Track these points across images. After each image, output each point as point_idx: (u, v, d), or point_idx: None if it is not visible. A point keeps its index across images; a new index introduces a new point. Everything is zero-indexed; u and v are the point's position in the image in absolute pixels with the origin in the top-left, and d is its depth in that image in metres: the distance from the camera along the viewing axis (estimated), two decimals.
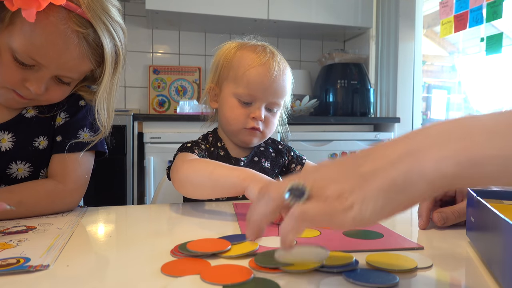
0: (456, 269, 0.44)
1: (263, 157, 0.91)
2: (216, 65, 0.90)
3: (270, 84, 0.82)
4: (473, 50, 2.72)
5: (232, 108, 0.84)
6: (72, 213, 0.70)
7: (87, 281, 0.40)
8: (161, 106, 2.62)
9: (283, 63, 0.86)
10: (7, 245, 0.50)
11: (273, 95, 0.83)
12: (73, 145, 0.74)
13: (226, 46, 0.89)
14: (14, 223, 0.61)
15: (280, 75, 0.83)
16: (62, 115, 0.77)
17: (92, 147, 0.76)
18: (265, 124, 0.85)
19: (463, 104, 3.09)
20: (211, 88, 0.91)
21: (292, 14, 2.42)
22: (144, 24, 2.58)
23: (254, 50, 0.85)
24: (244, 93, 0.83)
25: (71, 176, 0.73)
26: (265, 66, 0.82)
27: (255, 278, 0.39)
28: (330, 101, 2.49)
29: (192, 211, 0.73)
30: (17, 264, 0.42)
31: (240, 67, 0.83)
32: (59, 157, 0.74)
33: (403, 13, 2.42)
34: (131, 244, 0.52)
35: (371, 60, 2.65)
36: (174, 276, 0.39)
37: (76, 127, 0.76)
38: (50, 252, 0.46)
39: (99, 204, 0.74)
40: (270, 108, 0.85)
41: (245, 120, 0.84)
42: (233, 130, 0.86)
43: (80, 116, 0.78)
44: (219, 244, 0.48)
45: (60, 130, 0.76)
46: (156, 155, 1.94)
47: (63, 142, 0.74)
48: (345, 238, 0.53)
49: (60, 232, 0.56)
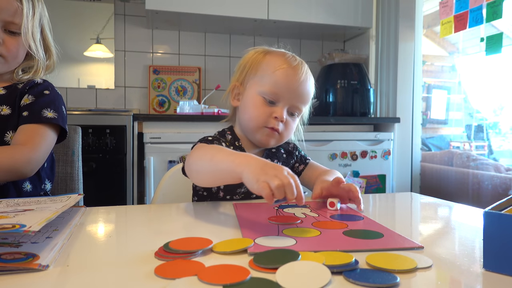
0: (456, 269, 0.44)
1: (276, 158, 0.93)
2: (243, 65, 0.91)
3: (297, 87, 0.84)
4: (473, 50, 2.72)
5: (256, 105, 0.86)
6: (72, 213, 0.69)
7: (87, 281, 0.40)
8: (161, 106, 2.62)
9: (310, 72, 0.90)
10: (4, 216, 0.49)
11: (298, 98, 0.86)
12: (37, 118, 0.86)
13: (254, 50, 0.92)
14: (12, 208, 0.61)
15: (306, 81, 0.87)
16: (29, 97, 0.90)
17: (54, 121, 0.88)
18: (284, 127, 0.86)
19: (463, 104, 3.09)
20: (234, 86, 0.92)
21: (292, 14, 2.42)
22: (144, 24, 2.58)
23: (284, 55, 0.88)
24: (271, 92, 0.84)
25: (34, 140, 0.84)
26: (294, 70, 0.85)
27: (254, 277, 0.39)
28: (330, 101, 2.49)
29: (192, 211, 0.73)
30: (12, 228, 0.41)
31: (270, 67, 0.86)
32: (24, 127, 0.86)
33: (403, 13, 2.42)
34: (131, 244, 0.52)
35: (371, 60, 2.65)
36: (169, 278, 0.39)
37: (41, 106, 0.89)
38: (50, 251, 0.45)
39: (99, 204, 0.74)
40: (292, 112, 0.87)
41: (267, 118, 0.85)
42: (254, 128, 0.86)
43: (45, 99, 0.91)
44: (202, 242, 0.49)
45: (27, 108, 0.88)
46: (156, 155, 1.94)
47: (29, 116, 0.87)
48: (345, 238, 0.53)
49: (58, 210, 0.54)
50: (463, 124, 3.06)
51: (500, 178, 2.10)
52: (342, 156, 2.23)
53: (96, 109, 2.43)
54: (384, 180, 2.33)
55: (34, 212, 0.55)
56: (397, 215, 0.77)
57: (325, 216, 0.66)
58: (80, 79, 2.54)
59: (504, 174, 2.11)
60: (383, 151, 2.32)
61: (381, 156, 2.32)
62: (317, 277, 0.38)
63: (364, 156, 2.28)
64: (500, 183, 2.08)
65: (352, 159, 2.25)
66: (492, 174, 2.15)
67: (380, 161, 2.32)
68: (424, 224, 0.68)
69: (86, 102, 2.52)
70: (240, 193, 0.87)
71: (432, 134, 3.12)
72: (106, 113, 1.97)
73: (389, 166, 2.35)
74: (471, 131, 2.91)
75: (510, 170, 2.15)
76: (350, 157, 2.25)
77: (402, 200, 0.91)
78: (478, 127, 2.91)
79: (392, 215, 0.76)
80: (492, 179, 2.12)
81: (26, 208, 0.59)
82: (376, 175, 2.31)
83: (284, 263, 0.41)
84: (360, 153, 2.27)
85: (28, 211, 0.56)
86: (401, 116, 2.42)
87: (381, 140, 2.32)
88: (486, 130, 2.89)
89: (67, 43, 2.46)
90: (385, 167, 2.34)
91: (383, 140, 2.33)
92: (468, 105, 3.07)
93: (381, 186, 2.32)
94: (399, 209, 0.83)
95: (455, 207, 0.79)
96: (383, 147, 2.32)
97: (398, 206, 0.85)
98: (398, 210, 0.81)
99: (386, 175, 2.34)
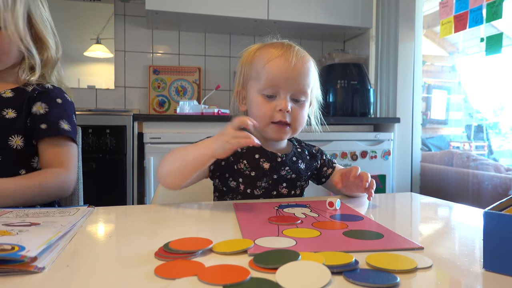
0: (456, 269, 0.44)
1: (300, 158, 0.92)
2: (240, 69, 0.92)
3: (290, 72, 0.83)
4: (473, 50, 2.72)
5: (258, 105, 0.86)
6: (78, 213, 0.69)
7: (87, 281, 0.40)
8: (161, 106, 2.62)
9: (301, 52, 0.86)
10: (7, 232, 0.50)
11: (296, 83, 0.84)
12: (56, 131, 0.87)
13: (247, 50, 0.91)
14: (20, 220, 0.61)
15: (300, 63, 0.84)
16: (42, 105, 0.89)
17: (69, 134, 0.89)
18: (292, 117, 0.85)
19: (463, 104, 3.09)
20: (238, 92, 0.93)
21: (292, 14, 2.42)
22: (144, 24, 2.58)
23: (272, 46, 0.87)
24: (266, 86, 0.84)
25: (68, 163, 0.88)
26: (283, 57, 0.84)
27: (254, 277, 0.39)
28: (330, 101, 2.49)
29: (192, 211, 0.73)
30: (11, 251, 0.41)
31: (260, 63, 0.85)
32: (49, 146, 0.87)
33: (403, 13, 2.42)
34: (131, 244, 0.52)
35: (371, 60, 2.65)
36: (169, 278, 0.39)
37: (57, 117, 0.89)
38: (48, 253, 0.45)
39: (99, 204, 0.74)
40: (297, 98, 0.85)
41: (271, 114, 0.84)
42: (262, 127, 0.86)
43: (59, 110, 0.91)
44: (202, 242, 0.49)
45: (43, 119, 0.87)
46: (156, 155, 1.94)
47: (48, 129, 0.87)
48: (345, 238, 0.53)
49: (62, 229, 0.55)
50: (463, 124, 3.06)
51: (500, 178, 2.09)
52: (342, 156, 2.23)
53: (96, 109, 2.43)
54: (384, 180, 2.33)
55: (40, 228, 0.55)
56: (397, 215, 0.77)
57: (325, 216, 0.66)
58: (80, 79, 2.54)
59: (504, 174, 2.11)
60: (383, 151, 2.32)
61: (381, 156, 2.32)
62: (317, 277, 0.38)
63: (364, 156, 2.28)
64: (500, 183, 2.08)
65: (352, 159, 2.25)
66: (492, 174, 2.15)
67: (380, 161, 2.32)
68: (424, 224, 0.68)
69: (86, 102, 2.52)
70: (261, 187, 0.87)
71: (432, 134, 3.12)
72: (106, 113, 1.97)
73: (389, 166, 2.35)
74: (471, 131, 2.91)
75: (510, 170, 2.15)
76: (350, 157, 2.25)
77: (402, 200, 0.91)
78: (478, 127, 2.91)
79: (392, 215, 0.76)
80: (492, 179, 2.12)
81: (33, 222, 0.59)
82: (376, 175, 2.31)
83: (284, 263, 0.41)
84: (360, 153, 2.27)
85: (34, 225, 0.57)
86: (401, 116, 2.42)
87: (381, 140, 2.32)
88: (486, 130, 2.89)
89: (67, 43, 2.46)
90: (385, 167, 2.34)
91: (383, 140, 2.33)
92: (468, 105, 3.07)
93: (381, 186, 2.32)
94: (399, 209, 0.83)
95: (455, 207, 0.79)
96: (383, 147, 2.32)
97: (398, 206, 0.85)
98: (398, 210, 0.81)
99: (386, 175, 2.34)
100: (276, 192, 0.88)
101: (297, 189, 0.91)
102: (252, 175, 0.87)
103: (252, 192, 0.87)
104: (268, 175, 0.87)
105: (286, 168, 0.88)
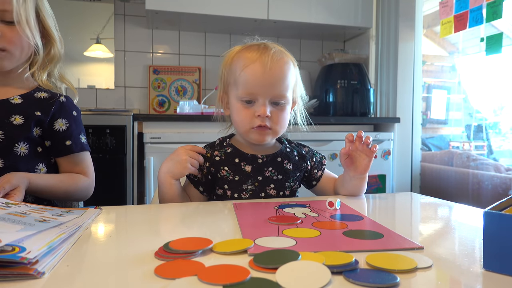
0: (456, 269, 0.44)
1: (287, 159, 0.91)
2: (220, 74, 0.91)
3: (266, 78, 0.82)
4: (473, 50, 2.72)
5: (238, 111, 0.86)
6: (85, 214, 0.68)
7: (87, 281, 0.40)
8: (161, 106, 2.62)
9: (278, 55, 0.84)
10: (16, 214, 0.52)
11: (273, 88, 0.83)
12: (80, 147, 0.95)
13: (227, 54, 0.91)
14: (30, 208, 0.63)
15: (276, 66, 0.83)
16: (63, 121, 0.93)
17: (87, 148, 0.97)
18: (273, 120, 0.85)
19: (463, 104, 3.09)
20: (221, 97, 0.93)
21: (292, 14, 2.42)
22: (144, 24, 2.58)
23: (248, 49, 0.86)
24: (244, 93, 0.84)
25: (89, 170, 0.98)
26: (258, 62, 0.82)
27: (254, 277, 0.39)
28: (330, 101, 2.49)
29: (192, 211, 0.73)
30: (11, 252, 0.41)
31: (237, 69, 0.85)
32: (75, 158, 0.95)
33: (403, 13, 2.42)
34: (131, 244, 0.52)
35: (371, 60, 2.65)
36: (169, 278, 0.39)
37: (77, 132, 0.96)
38: (49, 257, 0.44)
39: (99, 204, 0.74)
40: (277, 101, 0.85)
41: (251, 120, 0.84)
42: (244, 132, 0.87)
43: (77, 124, 0.96)
44: (202, 242, 0.49)
45: (67, 136, 0.93)
46: (156, 155, 1.94)
47: (72, 146, 0.93)
48: (345, 238, 0.53)
49: (65, 230, 0.54)
50: (463, 124, 3.06)
51: (500, 178, 2.09)
52: None
53: (96, 109, 2.43)
54: (384, 180, 2.33)
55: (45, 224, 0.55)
56: (397, 215, 0.77)
57: (325, 216, 0.66)
58: (80, 79, 2.54)
59: (504, 174, 2.11)
60: (383, 151, 2.32)
61: (381, 156, 2.32)
62: (317, 277, 0.38)
63: None
64: (500, 183, 2.08)
65: None
66: (492, 174, 2.15)
67: (380, 161, 2.32)
68: (424, 224, 0.68)
69: (86, 102, 2.52)
70: (247, 190, 0.87)
71: (432, 134, 3.12)
72: (106, 113, 1.97)
73: (389, 166, 2.35)
74: (471, 131, 2.91)
75: (510, 170, 2.15)
76: None
77: (402, 200, 0.91)
78: (478, 127, 2.90)
79: (392, 215, 0.76)
80: (492, 179, 2.12)
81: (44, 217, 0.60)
82: (376, 175, 2.31)
83: (284, 263, 0.41)
84: None
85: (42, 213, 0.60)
86: (401, 116, 2.42)
87: (381, 140, 2.32)
88: (486, 130, 2.89)
89: (67, 43, 2.44)
90: (385, 167, 2.34)
91: (383, 140, 2.33)
92: (468, 105, 3.07)
93: (381, 186, 2.32)
94: (399, 209, 0.83)
95: (455, 207, 0.79)
96: (383, 147, 2.32)
97: (398, 206, 0.85)
98: (398, 210, 0.81)
99: (386, 175, 2.34)
100: (264, 194, 0.88)
101: (286, 190, 0.91)
102: (236, 179, 0.87)
103: (239, 196, 0.87)
104: (252, 177, 0.87)
105: (270, 168, 0.88)
